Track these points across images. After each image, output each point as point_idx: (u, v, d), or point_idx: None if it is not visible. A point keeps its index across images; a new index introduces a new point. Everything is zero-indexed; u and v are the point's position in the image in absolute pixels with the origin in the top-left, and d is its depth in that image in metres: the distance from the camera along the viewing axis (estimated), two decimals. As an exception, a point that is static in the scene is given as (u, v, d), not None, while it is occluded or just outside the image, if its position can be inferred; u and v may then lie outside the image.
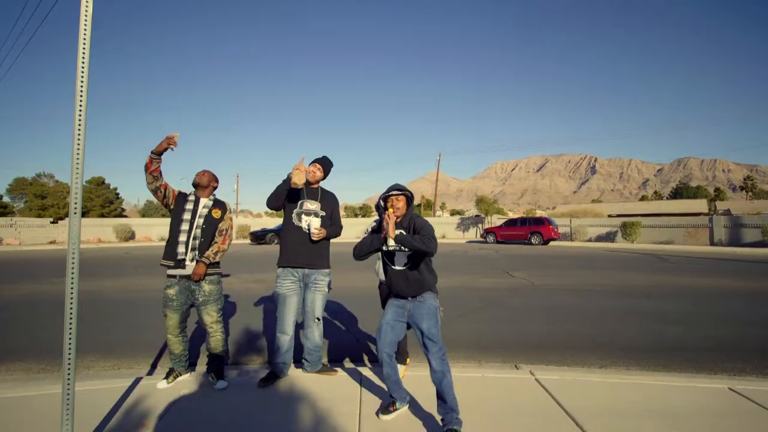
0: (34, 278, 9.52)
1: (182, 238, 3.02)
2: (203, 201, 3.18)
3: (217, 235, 3.15)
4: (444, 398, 2.36)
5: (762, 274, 10.12)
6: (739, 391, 2.93)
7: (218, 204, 3.23)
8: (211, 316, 3.10)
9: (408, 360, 3.47)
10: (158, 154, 2.94)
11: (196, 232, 3.06)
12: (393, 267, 2.59)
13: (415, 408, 2.66)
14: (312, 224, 3.16)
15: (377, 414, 2.56)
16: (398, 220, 2.59)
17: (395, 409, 2.54)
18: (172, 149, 2.94)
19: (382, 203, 2.65)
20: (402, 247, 2.49)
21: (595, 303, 6.52)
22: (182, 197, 3.15)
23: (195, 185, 3.19)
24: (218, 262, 3.17)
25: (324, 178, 3.41)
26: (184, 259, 3.00)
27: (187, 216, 3.06)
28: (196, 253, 3.04)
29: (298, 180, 3.02)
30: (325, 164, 3.39)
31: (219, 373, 3.10)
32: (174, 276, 3.02)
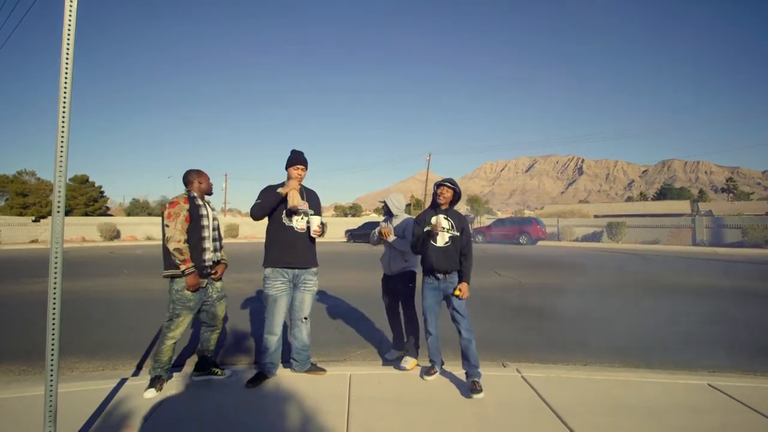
0: (15, 278, 9.28)
1: (207, 244, 3.06)
2: (208, 203, 3.25)
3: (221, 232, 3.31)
4: (468, 358, 2.95)
5: (741, 274, 10.41)
6: (717, 387, 3.02)
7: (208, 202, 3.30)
8: (222, 311, 3.21)
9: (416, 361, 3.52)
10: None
11: (214, 234, 3.17)
12: (435, 245, 3.10)
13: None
14: (313, 222, 3.14)
15: (421, 376, 3.16)
16: (443, 206, 3.18)
17: (435, 372, 3.17)
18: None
19: (435, 189, 3.20)
20: (445, 230, 3.08)
21: (580, 302, 6.62)
22: (193, 203, 3.04)
23: (209, 193, 3.26)
24: None
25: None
26: (211, 266, 3.08)
27: (205, 222, 3.09)
28: (217, 254, 3.18)
29: (295, 202, 3.06)
30: (307, 162, 3.25)
31: (215, 366, 3.19)
32: None
